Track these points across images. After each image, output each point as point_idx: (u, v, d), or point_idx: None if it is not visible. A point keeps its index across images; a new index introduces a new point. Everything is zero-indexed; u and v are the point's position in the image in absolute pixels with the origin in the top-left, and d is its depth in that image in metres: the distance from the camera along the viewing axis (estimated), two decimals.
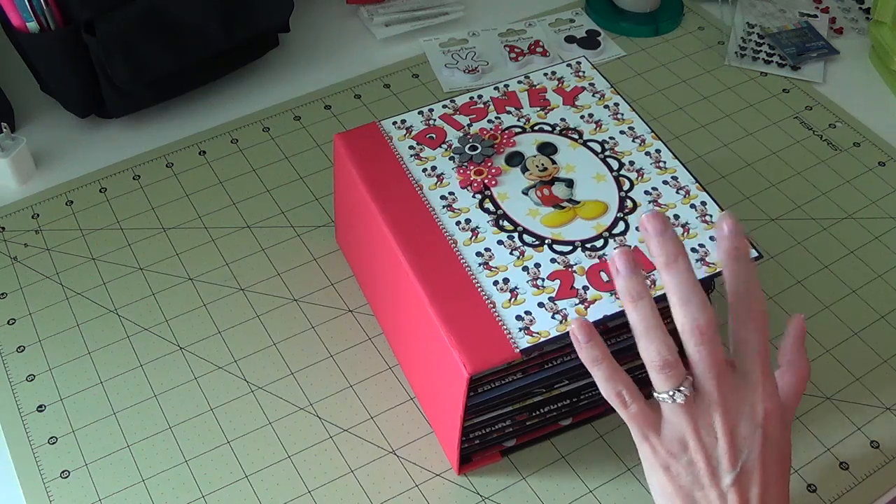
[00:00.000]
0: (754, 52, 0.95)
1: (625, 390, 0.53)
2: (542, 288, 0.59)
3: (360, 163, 0.67)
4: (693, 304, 0.50)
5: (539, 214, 0.63)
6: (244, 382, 0.68)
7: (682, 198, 0.64)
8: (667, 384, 0.51)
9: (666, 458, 0.52)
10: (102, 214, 0.79)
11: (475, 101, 0.71)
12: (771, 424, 0.52)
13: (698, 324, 0.50)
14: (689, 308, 0.50)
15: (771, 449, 0.52)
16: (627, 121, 0.70)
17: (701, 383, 0.51)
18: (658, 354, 0.51)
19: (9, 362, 0.69)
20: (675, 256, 0.50)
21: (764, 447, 0.51)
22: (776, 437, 0.52)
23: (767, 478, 0.51)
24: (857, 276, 0.75)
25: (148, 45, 0.80)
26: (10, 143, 0.80)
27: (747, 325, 0.52)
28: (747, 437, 0.51)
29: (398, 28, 0.96)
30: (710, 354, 0.51)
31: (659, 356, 0.51)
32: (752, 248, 0.61)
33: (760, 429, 0.51)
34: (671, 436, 0.52)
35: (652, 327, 0.51)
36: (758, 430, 0.51)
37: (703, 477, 0.51)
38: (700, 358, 0.51)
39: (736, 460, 0.51)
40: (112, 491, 0.62)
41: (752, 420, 0.51)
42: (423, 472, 0.63)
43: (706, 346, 0.50)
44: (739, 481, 0.51)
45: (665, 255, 0.51)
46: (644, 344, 0.51)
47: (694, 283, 0.50)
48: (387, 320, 0.69)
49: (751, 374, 0.52)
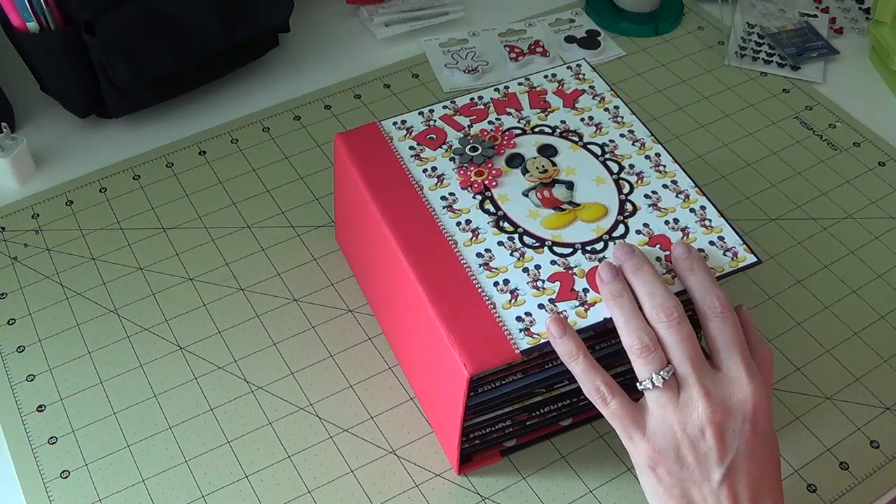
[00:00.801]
0: (754, 52, 0.95)
1: (603, 385, 0.54)
2: (542, 289, 0.59)
3: (360, 163, 0.67)
4: (658, 295, 0.55)
5: (539, 216, 0.63)
6: (244, 382, 0.68)
7: (682, 202, 0.64)
8: (647, 369, 0.53)
9: (653, 457, 0.52)
10: (102, 214, 0.79)
11: (475, 103, 0.71)
12: (759, 417, 0.52)
13: (663, 306, 0.54)
14: (654, 299, 0.55)
15: (760, 442, 0.52)
16: (627, 124, 0.70)
17: (680, 370, 0.53)
18: (637, 339, 0.54)
19: (9, 362, 0.69)
20: (639, 265, 0.57)
21: (752, 440, 0.51)
22: (763, 429, 0.52)
23: (758, 472, 0.51)
24: (857, 276, 0.75)
25: (148, 45, 0.80)
26: (10, 143, 0.80)
27: (715, 321, 0.55)
28: (736, 432, 0.51)
29: (398, 28, 0.96)
30: (682, 338, 0.53)
31: (638, 341, 0.54)
32: (750, 254, 0.61)
33: (749, 423, 0.51)
34: (657, 431, 0.52)
35: (631, 317, 0.55)
36: (746, 424, 0.51)
37: (692, 473, 0.51)
38: (672, 340, 0.54)
39: (725, 455, 0.51)
40: (112, 491, 0.62)
41: (741, 414, 0.51)
42: (423, 472, 0.63)
43: (675, 327, 0.53)
44: (730, 477, 0.51)
45: (632, 265, 0.57)
46: (624, 333, 0.55)
47: (658, 282, 0.56)
48: (387, 320, 0.69)
49: (732, 369, 0.53)
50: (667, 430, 0.52)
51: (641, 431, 0.53)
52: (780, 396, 0.67)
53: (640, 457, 0.53)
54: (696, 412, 0.52)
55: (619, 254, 0.59)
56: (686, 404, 0.52)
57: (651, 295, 0.56)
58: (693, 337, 0.54)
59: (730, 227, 0.62)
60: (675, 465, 0.52)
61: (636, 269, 0.57)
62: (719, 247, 0.61)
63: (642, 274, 0.57)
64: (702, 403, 0.52)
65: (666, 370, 0.53)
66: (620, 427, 0.54)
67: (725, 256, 0.61)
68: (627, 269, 0.57)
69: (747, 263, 0.61)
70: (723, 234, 0.62)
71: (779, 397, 0.67)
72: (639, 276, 0.57)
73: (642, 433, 0.53)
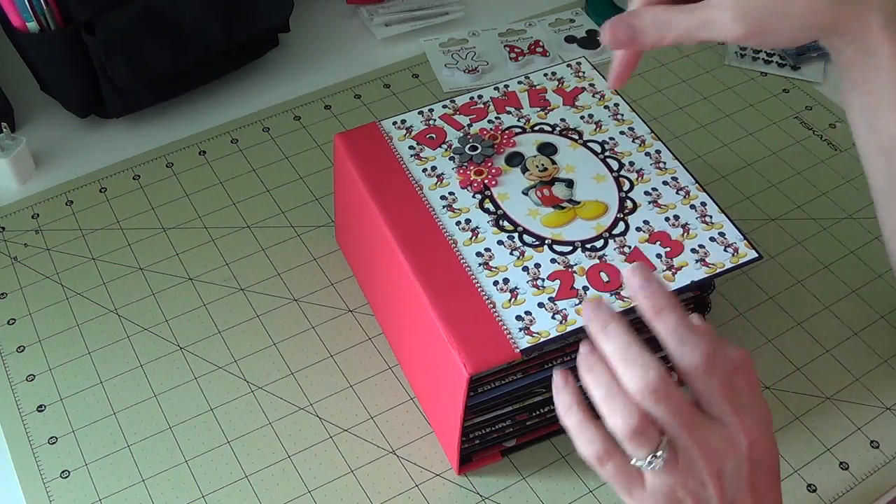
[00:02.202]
0: (754, 51, 0.95)
1: (600, 445, 0.48)
2: (542, 288, 0.59)
3: (360, 163, 0.67)
4: (637, 366, 0.47)
5: (539, 215, 0.63)
6: (244, 382, 0.68)
7: (682, 198, 0.64)
8: (642, 451, 0.47)
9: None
10: (102, 214, 0.79)
11: (475, 102, 0.71)
12: (757, 451, 0.49)
13: (649, 382, 0.46)
14: (633, 370, 0.47)
15: (759, 471, 0.50)
16: (627, 121, 0.70)
17: (676, 442, 0.48)
18: (623, 423, 0.47)
19: (9, 362, 0.69)
20: (605, 324, 0.48)
21: (751, 474, 0.49)
22: (760, 458, 0.50)
23: (758, 498, 0.50)
24: (857, 276, 0.75)
25: (148, 45, 0.80)
26: (10, 143, 0.80)
27: (697, 375, 0.48)
28: (734, 473, 0.49)
29: (398, 28, 0.96)
30: (674, 410, 0.47)
31: (625, 424, 0.47)
32: (751, 249, 0.61)
33: (746, 461, 0.49)
34: (657, 492, 0.49)
35: (611, 395, 0.47)
36: (744, 463, 0.49)
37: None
38: (665, 418, 0.47)
39: (724, 496, 0.49)
40: (112, 491, 0.62)
41: (740, 457, 0.49)
42: (423, 472, 0.63)
43: (664, 404, 0.47)
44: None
45: (597, 325, 0.49)
46: (606, 413, 0.47)
47: (631, 346, 0.47)
48: (387, 320, 0.69)
49: (723, 416, 0.49)
50: (668, 491, 0.49)
51: (641, 486, 0.49)
52: (780, 396, 0.67)
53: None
54: (695, 469, 0.48)
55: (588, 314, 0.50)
56: (686, 466, 0.49)
57: (629, 364, 0.47)
58: (682, 398, 0.47)
59: (730, 223, 0.62)
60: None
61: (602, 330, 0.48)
62: (720, 243, 0.61)
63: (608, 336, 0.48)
64: (701, 461, 0.48)
65: (662, 448, 0.47)
66: (619, 486, 0.49)
67: (726, 252, 0.61)
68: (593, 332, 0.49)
69: (748, 259, 0.61)
70: (723, 230, 0.62)
71: (779, 397, 0.67)
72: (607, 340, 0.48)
73: (642, 488, 0.49)
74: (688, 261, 0.60)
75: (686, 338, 0.47)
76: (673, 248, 0.61)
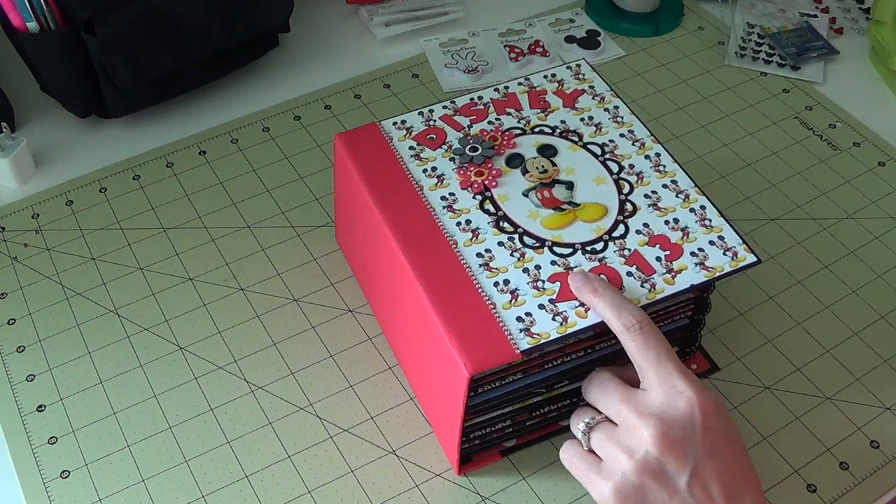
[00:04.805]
0: (754, 52, 0.95)
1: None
2: (542, 290, 0.59)
3: (360, 163, 0.67)
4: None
5: (539, 216, 0.63)
6: (244, 382, 0.68)
7: (682, 201, 0.64)
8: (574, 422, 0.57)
9: (615, 494, 0.51)
10: (102, 214, 0.79)
11: (475, 103, 0.71)
12: (707, 416, 0.51)
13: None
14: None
15: (716, 440, 0.51)
16: (627, 124, 0.70)
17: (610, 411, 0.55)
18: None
19: (9, 362, 0.69)
20: (595, 288, 0.58)
21: (707, 440, 0.51)
22: (715, 426, 0.51)
23: (723, 468, 0.51)
24: (857, 276, 0.75)
25: (148, 45, 0.80)
26: (10, 143, 0.80)
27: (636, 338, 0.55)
28: (687, 438, 0.51)
29: (398, 28, 0.96)
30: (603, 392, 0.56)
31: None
32: (750, 254, 0.61)
33: (698, 425, 0.51)
34: (609, 468, 0.52)
35: None
36: (695, 427, 0.51)
37: (659, 493, 0.50)
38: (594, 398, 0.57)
39: (684, 462, 0.50)
40: (112, 491, 0.62)
41: (686, 420, 0.51)
42: (423, 472, 0.63)
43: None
44: (697, 480, 0.50)
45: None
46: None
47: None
48: (387, 320, 0.69)
49: (665, 380, 0.53)
50: (617, 463, 0.51)
51: (596, 472, 0.53)
52: (780, 396, 0.67)
53: (604, 497, 0.52)
54: (637, 436, 0.51)
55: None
56: (626, 433, 0.52)
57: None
58: (611, 380, 0.56)
59: (730, 226, 0.63)
60: (638, 493, 0.51)
61: None
62: (719, 246, 0.61)
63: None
64: (641, 426, 0.51)
65: (591, 417, 0.55)
66: (579, 476, 0.55)
67: (725, 256, 0.61)
68: None
69: (747, 263, 0.61)
70: (723, 233, 0.62)
71: (779, 397, 0.67)
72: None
73: (597, 474, 0.53)
74: (687, 264, 0.60)
75: (622, 304, 0.56)
76: (672, 251, 0.61)
